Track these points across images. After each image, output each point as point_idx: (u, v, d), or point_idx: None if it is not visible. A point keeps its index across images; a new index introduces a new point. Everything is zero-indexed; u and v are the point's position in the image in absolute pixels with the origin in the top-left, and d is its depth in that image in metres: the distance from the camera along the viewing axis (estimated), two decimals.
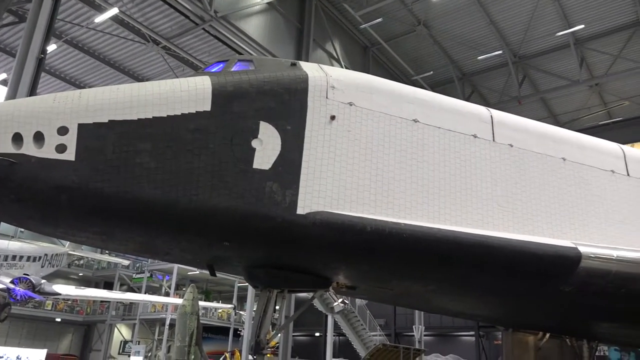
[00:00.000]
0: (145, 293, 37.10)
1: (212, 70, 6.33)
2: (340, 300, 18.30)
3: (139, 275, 39.74)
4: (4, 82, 23.84)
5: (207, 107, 5.63)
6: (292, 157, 5.84)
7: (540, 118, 27.08)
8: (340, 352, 33.42)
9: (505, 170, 7.27)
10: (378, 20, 23.72)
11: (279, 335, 18.54)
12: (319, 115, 6.14)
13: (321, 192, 5.84)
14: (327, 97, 6.27)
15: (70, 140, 5.06)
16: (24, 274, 25.64)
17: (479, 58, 26.34)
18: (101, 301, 38.90)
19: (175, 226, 5.69)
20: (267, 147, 5.74)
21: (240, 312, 39.32)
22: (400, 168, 6.43)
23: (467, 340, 35.45)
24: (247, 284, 11.43)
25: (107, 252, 37.33)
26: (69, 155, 5.03)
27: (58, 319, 39.08)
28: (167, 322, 33.78)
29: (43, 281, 25.93)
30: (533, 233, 7.08)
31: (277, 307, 7.33)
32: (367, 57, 26.49)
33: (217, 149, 5.55)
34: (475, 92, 29.20)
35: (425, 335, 29.72)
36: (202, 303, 29.12)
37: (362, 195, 6.07)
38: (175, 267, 34.14)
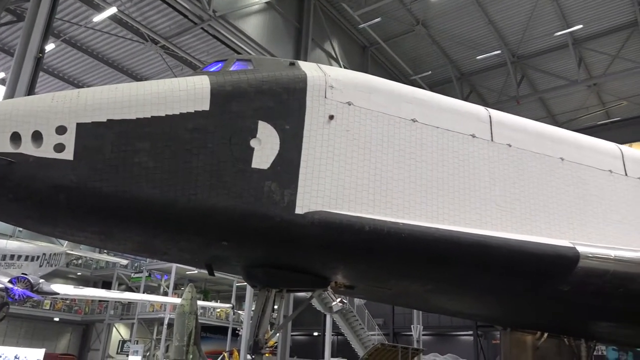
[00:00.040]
0: (143, 292, 37.04)
1: (211, 70, 6.32)
2: (339, 299, 18.30)
3: (137, 275, 39.68)
4: (2, 82, 23.79)
5: (206, 106, 5.62)
6: (290, 156, 5.84)
7: (538, 118, 27.12)
8: (339, 352, 33.43)
9: (504, 170, 7.27)
10: (377, 20, 23.74)
11: (278, 334, 18.54)
12: (318, 114, 6.14)
13: (320, 192, 5.84)
14: (325, 97, 6.26)
15: (69, 139, 5.05)
16: (22, 274, 25.61)
17: (477, 58, 26.38)
18: (99, 301, 38.86)
19: (174, 226, 5.68)
20: (265, 147, 5.74)
21: (239, 311, 39.28)
22: (399, 168, 6.43)
23: (465, 339, 35.51)
24: (245, 283, 11.43)
25: (105, 251, 37.28)
26: (67, 155, 5.03)
27: (56, 319, 39.03)
28: (166, 321, 33.73)
29: (41, 281, 25.89)
30: (531, 233, 7.09)
31: (275, 307, 7.33)
32: (365, 56, 26.50)
33: (215, 148, 5.54)
34: (474, 92, 29.23)
35: (423, 335, 29.76)
36: (200, 302, 29.10)
37: (360, 194, 6.07)
38: (174, 266, 34.12)
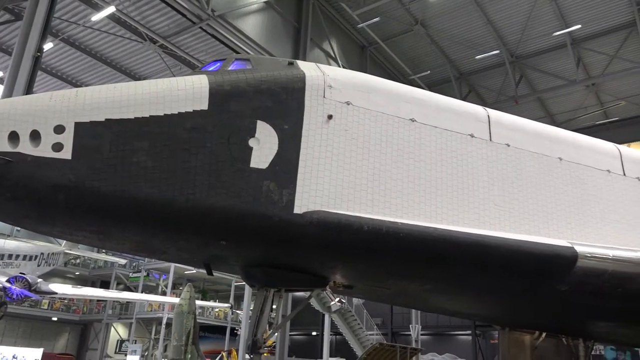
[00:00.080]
0: (141, 292, 37.01)
1: (209, 69, 6.31)
2: (337, 299, 18.30)
3: (135, 274, 39.64)
4: (0, 81, 23.76)
5: (204, 106, 5.62)
6: (289, 156, 5.84)
7: (537, 118, 27.14)
8: (337, 351, 33.45)
9: (502, 170, 7.28)
10: (375, 19, 23.73)
11: (276, 334, 18.53)
12: (316, 114, 6.14)
13: (318, 192, 5.84)
14: (324, 97, 6.26)
15: (67, 138, 5.05)
16: (20, 273, 25.56)
17: (476, 58, 26.39)
18: (98, 300, 38.82)
19: (172, 225, 5.68)
20: (264, 147, 5.74)
21: (237, 311, 39.26)
22: (398, 167, 6.43)
23: (463, 339, 35.53)
24: (244, 283, 11.42)
25: (103, 251, 37.22)
26: (66, 154, 5.02)
27: (54, 318, 38.98)
28: (164, 321, 33.70)
29: (39, 280, 25.85)
30: (530, 232, 7.09)
31: (274, 306, 7.33)
32: (364, 56, 26.49)
33: (214, 148, 5.54)
34: (473, 92, 29.24)
35: (422, 335, 29.75)
36: (199, 302, 29.13)
37: (359, 194, 6.07)
38: (172, 266, 34.10)
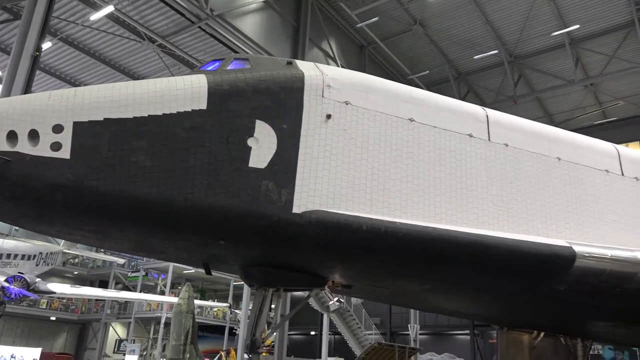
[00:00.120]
0: (140, 292, 37.00)
1: (208, 69, 6.31)
2: (336, 299, 18.30)
3: (134, 274, 39.62)
4: None
5: (203, 105, 5.62)
6: (288, 155, 5.84)
7: (535, 117, 27.16)
8: (336, 351, 33.46)
9: (501, 170, 7.29)
10: (374, 19, 23.72)
11: (275, 333, 18.53)
12: (315, 114, 6.14)
13: (317, 191, 5.85)
14: (323, 96, 6.26)
15: (65, 138, 5.04)
16: (19, 273, 25.56)
17: (474, 57, 26.39)
18: (96, 300, 38.79)
19: (171, 225, 5.68)
20: (263, 146, 5.74)
21: (236, 310, 39.25)
22: (396, 167, 6.44)
23: (462, 339, 35.56)
24: (242, 282, 11.42)
25: (102, 250, 37.20)
26: (64, 154, 5.02)
27: (53, 318, 38.95)
28: (163, 320, 33.69)
29: (38, 280, 25.85)
30: (528, 232, 7.11)
31: (272, 306, 7.33)
32: (363, 56, 26.49)
33: (212, 147, 5.54)
34: (471, 92, 29.25)
35: (420, 334, 29.79)
36: (197, 302, 29.12)
37: (357, 194, 6.07)
38: (171, 265, 34.08)
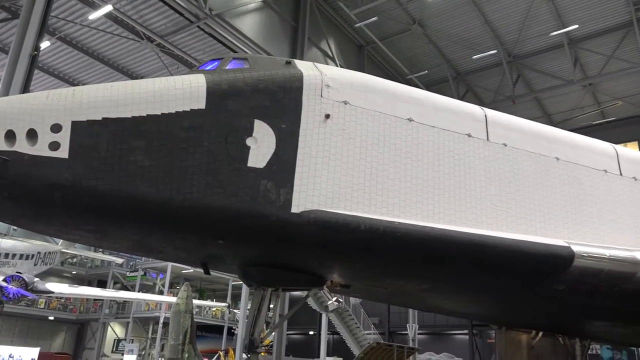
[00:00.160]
0: (138, 291, 36.97)
1: (207, 69, 6.30)
2: (335, 298, 18.31)
3: (132, 274, 39.58)
4: None
5: (202, 105, 5.61)
6: (286, 155, 5.83)
7: (534, 117, 27.19)
8: (334, 351, 33.47)
9: (499, 170, 7.28)
10: (373, 19, 23.74)
11: (273, 333, 18.53)
12: (314, 113, 6.13)
13: (315, 191, 5.84)
14: (321, 96, 6.26)
15: (64, 137, 5.03)
16: (17, 272, 25.53)
17: (473, 57, 26.42)
18: (94, 299, 38.75)
19: (170, 224, 5.67)
20: (261, 146, 5.73)
21: (235, 310, 39.24)
22: (395, 167, 6.43)
23: (460, 338, 35.58)
24: (241, 282, 11.42)
25: (100, 250, 37.18)
26: (62, 153, 5.01)
27: (51, 317, 38.89)
28: (161, 320, 33.67)
29: (36, 279, 25.81)
30: (526, 232, 7.11)
31: (271, 306, 7.32)
32: (362, 55, 26.50)
33: (211, 147, 5.53)
34: (470, 92, 29.28)
35: (419, 334, 29.80)
36: (196, 301, 29.12)
37: (356, 193, 6.07)
38: (169, 265, 34.05)
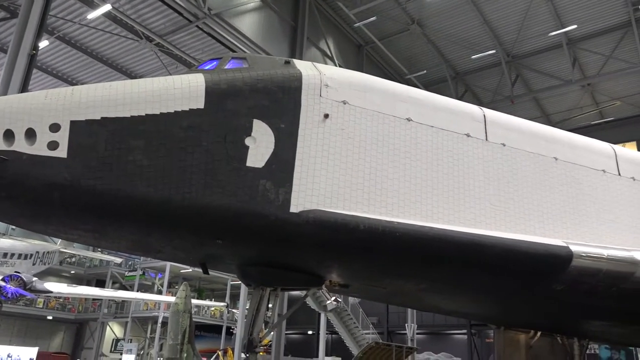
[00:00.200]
0: (137, 291, 36.95)
1: (206, 68, 6.29)
2: (333, 298, 18.33)
3: (131, 273, 39.57)
4: None
5: (201, 104, 5.61)
6: (285, 155, 5.83)
7: (532, 117, 27.22)
8: (333, 350, 33.49)
9: (498, 170, 7.29)
10: (372, 18, 23.75)
11: (272, 333, 18.53)
12: (313, 113, 6.13)
13: (314, 191, 5.84)
14: (320, 96, 6.25)
15: (62, 137, 5.03)
16: (15, 272, 25.50)
17: (472, 57, 26.44)
18: (93, 299, 38.73)
19: (168, 224, 5.67)
20: (260, 145, 5.73)
21: (233, 310, 39.26)
22: (394, 167, 6.43)
23: (459, 338, 35.62)
24: (240, 282, 11.41)
25: (99, 249, 37.16)
26: (61, 153, 5.00)
27: (49, 317, 38.84)
28: (160, 320, 33.65)
29: (34, 279, 25.80)
30: (525, 232, 7.11)
31: (269, 305, 7.32)
32: (360, 55, 26.51)
33: (210, 146, 5.53)
34: (469, 91, 29.30)
35: (417, 334, 29.84)
36: (194, 301, 29.13)
37: (355, 193, 6.07)
38: (168, 265, 34.05)
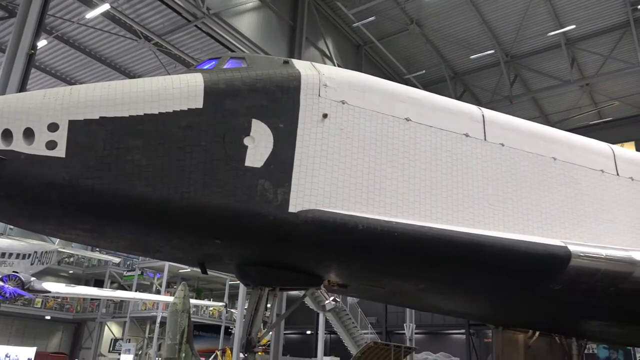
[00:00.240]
0: (136, 291, 36.94)
1: (205, 68, 6.27)
2: (332, 298, 18.32)
3: (129, 273, 39.58)
4: None
5: (199, 104, 5.60)
6: (284, 155, 5.82)
7: (531, 117, 27.25)
8: (332, 350, 33.50)
9: (497, 169, 7.29)
10: (371, 18, 23.75)
11: (270, 333, 18.54)
12: (312, 113, 6.12)
13: (313, 190, 5.83)
14: (319, 95, 6.25)
15: (61, 136, 5.02)
16: (14, 272, 25.49)
17: (471, 57, 26.47)
18: (91, 299, 38.69)
19: (167, 224, 5.66)
20: (259, 145, 5.72)
21: (232, 310, 39.25)
22: (392, 166, 6.43)
23: (457, 338, 35.65)
24: (238, 281, 11.41)
25: (97, 249, 37.12)
26: (59, 152, 4.99)
27: (48, 317, 38.81)
28: (158, 320, 33.63)
29: (33, 279, 25.78)
30: (524, 232, 7.11)
31: (268, 305, 7.32)
32: (359, 55, 26.51)
33: (209, 146, 5.52)
34: (467, 91, 29.32)
35: (416, 334, 29.87)
36: (193, 301, 29.09)
37: (354, 193, 6.06)
38: (166, 264, 34.02)
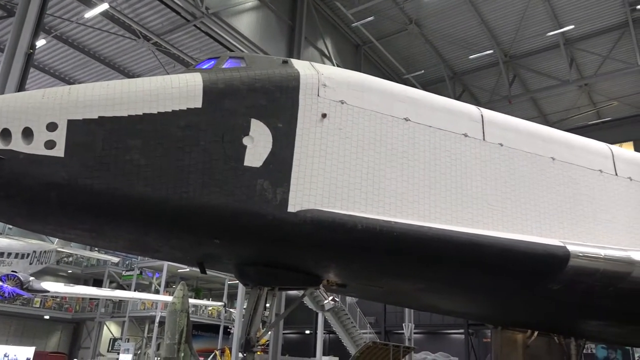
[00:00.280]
0: (134, 290, 36.93)
1: (203, 67, 6.28)
2: (331, 297, 18.28)
3: (128, 273, 39.57)
4: None
5: (198, 104, 5.60)
6: (283, 154, 5.83)
7: (530, 117, 27.27)
8: (331, 350, 33.51)
9: (495, 169, 7.30)
10: (370, 18, 23.75)
11: (269, 332, 18.53)
12: (311, 113, 6.13)
13: (312, 190, 5.84)
14: (318, 95, 6.25)
15: (60, 136, 5.02)
16: (12, 271, 25.47)
17: (470, 57, 26.47)
18: (90, 298, 38.67)
19: (166, 223, 5.66)
20: (258, 145, 5.73)
21: (231, 309, 39.23)
22: (391, 166, 6.43)
23: (456, 338, 35.68)
24: (237, 281, 11.42)
25: (96, 249, 37.08)
26: (58, 152, 4.99)
27: (46, 317, 38.77)
28: (157, 319, 33.63)
29: (31, 278, 25.77)
30: (522, 232, 7.12)
31: (267, 305, 7.33)
32: (358, 55, 26.51)
33: (208, 146, 5.52)
34: (466, 91, 29.33)
35: (415, 333, 29.87)
36: (192, 301, 29.08)
37: (353, 193, 6.07)
38: (165, 264, 34.02)
